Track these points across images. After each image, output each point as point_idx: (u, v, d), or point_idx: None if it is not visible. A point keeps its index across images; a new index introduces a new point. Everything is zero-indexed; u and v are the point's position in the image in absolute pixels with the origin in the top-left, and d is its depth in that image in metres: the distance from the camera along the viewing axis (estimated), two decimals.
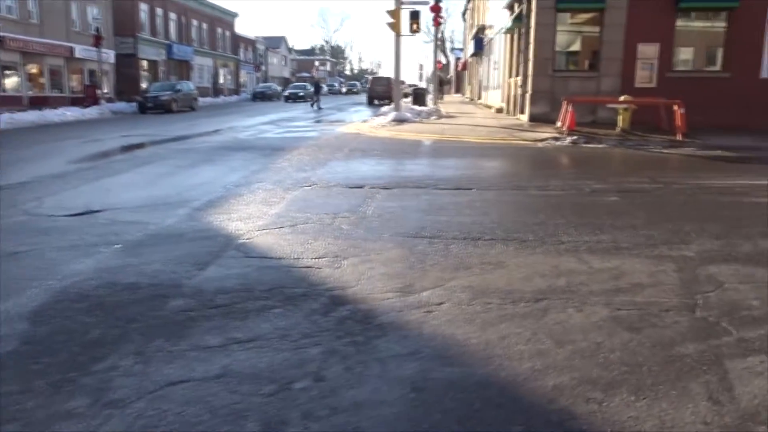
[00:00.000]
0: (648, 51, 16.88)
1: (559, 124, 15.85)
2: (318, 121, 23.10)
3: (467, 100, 47.24)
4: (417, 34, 21.85)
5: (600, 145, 13.40)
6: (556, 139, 14.06)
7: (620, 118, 15.00)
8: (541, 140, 14.06)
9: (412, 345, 3.30)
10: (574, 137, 13.98)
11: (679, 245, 5.35)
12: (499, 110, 24.38)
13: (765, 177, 9.27)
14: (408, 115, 20.06)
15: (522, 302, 3.95)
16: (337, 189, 8.11)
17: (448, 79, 69.81)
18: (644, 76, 17.02)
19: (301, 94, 47.62)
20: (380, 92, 38.05)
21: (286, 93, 49.20)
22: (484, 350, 3.26)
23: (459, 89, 68.84)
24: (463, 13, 62.62)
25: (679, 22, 16.93)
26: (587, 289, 4.20)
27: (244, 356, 3.16)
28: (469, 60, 50.90)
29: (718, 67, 16.98)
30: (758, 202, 7.39)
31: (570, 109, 14.79)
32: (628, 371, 3.04)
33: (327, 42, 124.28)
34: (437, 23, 23.80)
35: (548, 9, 17.19)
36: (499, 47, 27.68)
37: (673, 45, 16.90)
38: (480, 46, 37.37)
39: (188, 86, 35.00)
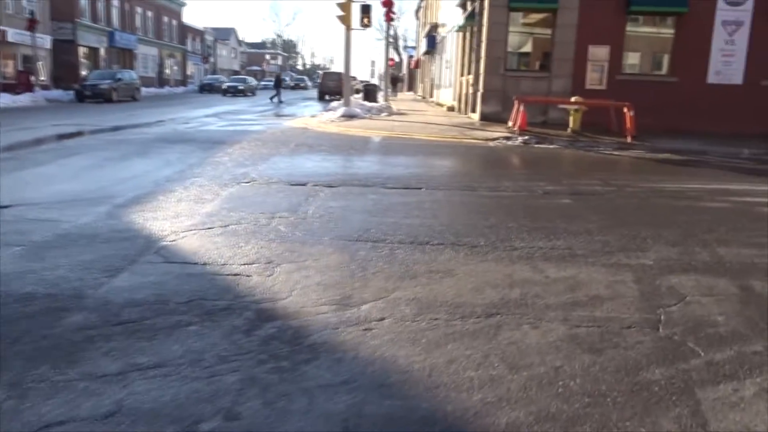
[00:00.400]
0: (599, 53, 16.88)
1: (510, 123, 15.66)
2: (265, 115, 22.40)
3: (419, 98, 47.08)
4: (369, 30, 21.37)
5: (551, 146, 13.23)
6: (507, 138, 13.84)
7: (571, 119, 14.92)
8: (493, 139, 13.81)
9: (346, 371, 2.85)
10: (526, 137, 13.79)
11: (636, 252, 5.07)
12: (451, 108, 24.18)
13: (715, 181, 9.21)
14: (358, 111, 19.59)
15: (472, 318, 3.55)
16: (277, 186, 7.59)
17: (401, 77, 69.63)
18: (595, 78, 17.02)
19: (241, 87, 43.67)
20: (331, 87, 37.45)
21: (224, 86, 44.66)
22: (430, 377, 2.84)
23: (411, 87, 68.74)
24: (416, 11, 62.50)
25: (629, 26, 16.99)
26: (543, 303, 3.83)
27: (144, 387, 2.64)
28: (422, 58, 50.78)
29: (665, 71, 17.13)
30: (712, 207, 7.24)
31: (522, 108, 14.61)
32: (591, 403, 2.66)
33: (279, 36, 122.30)
34: (389, 19, 23.39)
35: (501, 8, 16.99)
36: (452, 46, 27.51)
37: (623, 48, 16.95)
38: (432, 44, 37.20)
39: (130, 75, 33.64)
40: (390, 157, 10.96)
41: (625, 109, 14.20)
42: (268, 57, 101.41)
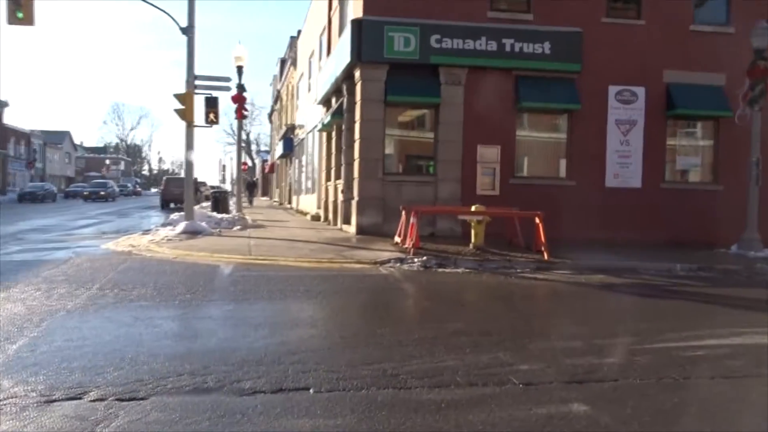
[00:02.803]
0: (488, 154, 14.69)
1: (397, 239, 12.68)
2: (89, 232, 17.77)
3: (276, 204, 43.86)
4: (219, 132, 17.77)
5: (458, 270, 10.28)
6: (400, 260, 10.72)
7: (473, 233, 12.18)
8: (383, 263, 10.64)
9: None
10: (423, 258, 10.77)
11: None
12: (316, 218, 21.01)
13: (718, 326, 6.52)
14: (204, 225, 15.73)
15: None
16: (15, 410, 3.68)
17: (255, 182, 66.60)
18: (486, 182, 14.72)
19: None
20: (177, 194, 32.94)
21: None
22: None
23: (266, 192, 65.69)
24: (270, 115, 60.55)
25: (521, 124, 15.09)
26: None
27: None
28: (278, 162, 48.05)
29: (563, 174, 15.25)
30: None
31: (413, 221, 11.69)
32: None
33: (122, 140, 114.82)
34: (240, 116, 20.17)
35: (375, 102, 14.42)
36: (313, 147, 24.82)
37: (516, 149, 14.93)
38: (290, 146, 34.55)
39: None
40: (247, 305, 7.24)
41: (537, 220, 11.76)
42: (108, 162, 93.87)
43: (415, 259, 10.69)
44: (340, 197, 16.71)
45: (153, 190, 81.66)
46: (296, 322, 6.45)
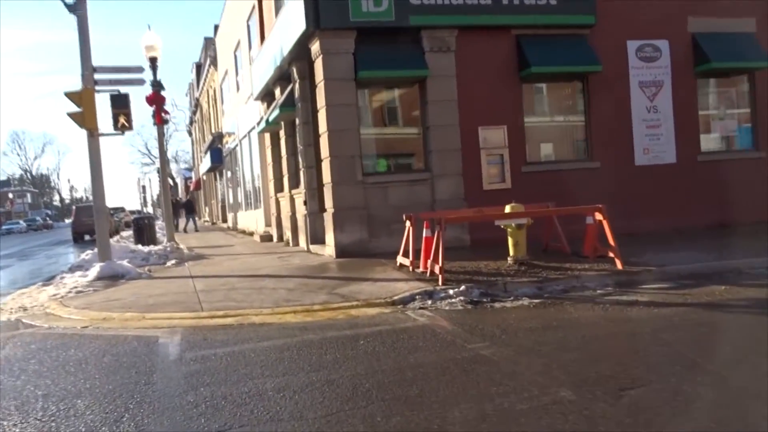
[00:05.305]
0: (493, 137, 11.53)
1: (402, 260, 9.30)
2: None
3: (209, 223, 39.51)
4: (131, 149, 13.43)
5: (522, 302, 7.00)
6: (429, 295, 7.35)
7: (512, 242, 8.90)
8: (401, 300, 7.24)
9: None
10: (460, 288, 7.41)
11: None
12: (267, 238, 17.30)
13: None
14: (126, 264, 11.79)
15: None
16: None
17: (180, 201, 61.42)
18: (494, 173, 11.56)
19: None
20: (91, 225, 28.23)
21: None
22: None
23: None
24: (189, 126, 55.63)
25: (528, 96, 12.01)
26: None
27: None
28: (204, 178, 43.54)
29: (583, 155, 12.26)
30: None
31: (428, 234, 8.33)
32: None
33: (26, 171, 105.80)
34: (160, 120, 16.08)
35: (343, 81, 10.98)
36: (251, 154, 21.04)
37: (525, 128, 11.82)
38: (218, 158, 30.45)
39: None
40: None
41: (599, 216, 8.67)
42: (12, 196, 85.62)
43: (451, 291, 7.33)
44: (303, 210, 13.14)
45: (66, 221, 74.92)
46: None
